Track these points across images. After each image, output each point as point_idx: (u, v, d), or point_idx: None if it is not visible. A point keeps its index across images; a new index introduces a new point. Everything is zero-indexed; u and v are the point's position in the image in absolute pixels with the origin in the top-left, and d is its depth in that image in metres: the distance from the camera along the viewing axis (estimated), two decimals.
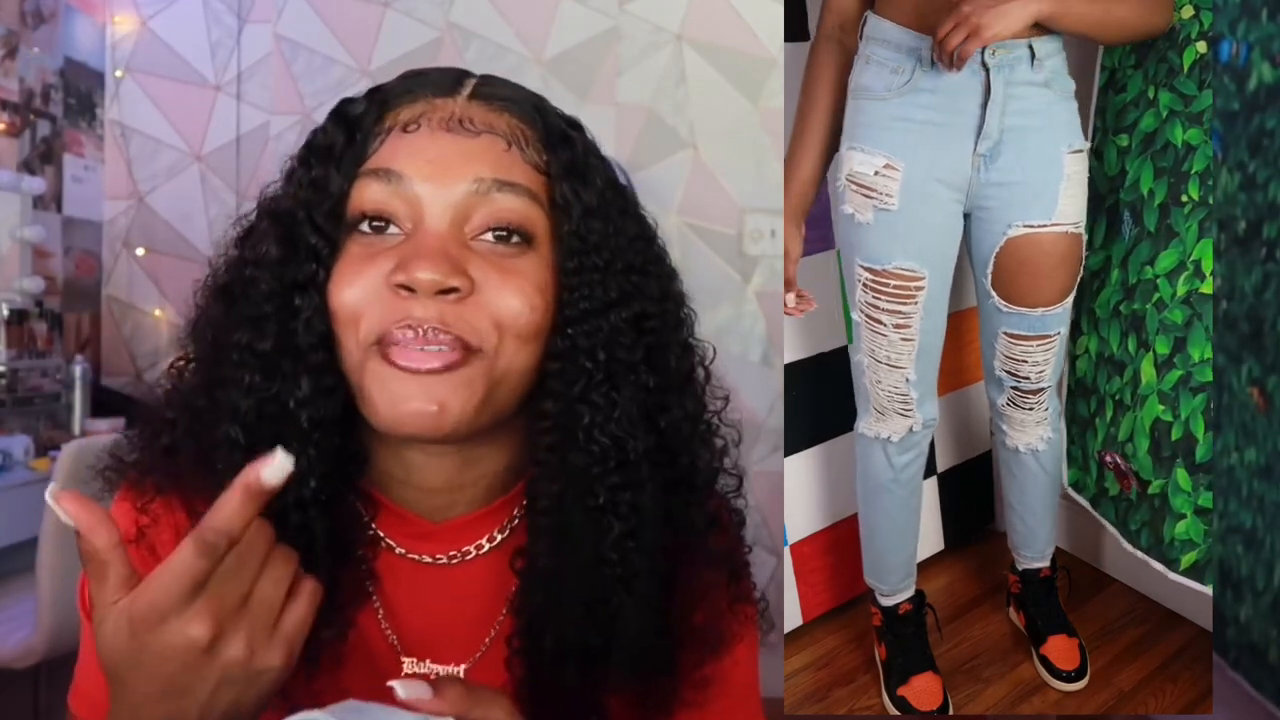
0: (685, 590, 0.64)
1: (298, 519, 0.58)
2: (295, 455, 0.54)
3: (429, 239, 0.57)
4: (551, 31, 2.92)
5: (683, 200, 2.87)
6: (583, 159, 0.62)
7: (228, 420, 0.58)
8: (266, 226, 0.61)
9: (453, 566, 0.65)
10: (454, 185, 0.58)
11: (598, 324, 0.60)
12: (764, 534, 2.80)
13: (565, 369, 0.60)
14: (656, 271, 0.65)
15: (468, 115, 0.60)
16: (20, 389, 2.57)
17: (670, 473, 0.63)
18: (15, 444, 2.20)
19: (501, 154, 0.59)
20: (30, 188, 2.56)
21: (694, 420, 0.65)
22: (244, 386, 0.58)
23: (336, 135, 0.61)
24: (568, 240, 0.60)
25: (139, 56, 2.96)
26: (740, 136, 2.90)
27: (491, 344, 0.57)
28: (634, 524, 0.57)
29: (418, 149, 0.59)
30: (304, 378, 0.58)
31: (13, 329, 2.55)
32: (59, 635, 1.84)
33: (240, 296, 0.60)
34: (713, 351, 0.68)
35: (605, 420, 0.60)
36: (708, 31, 2.91)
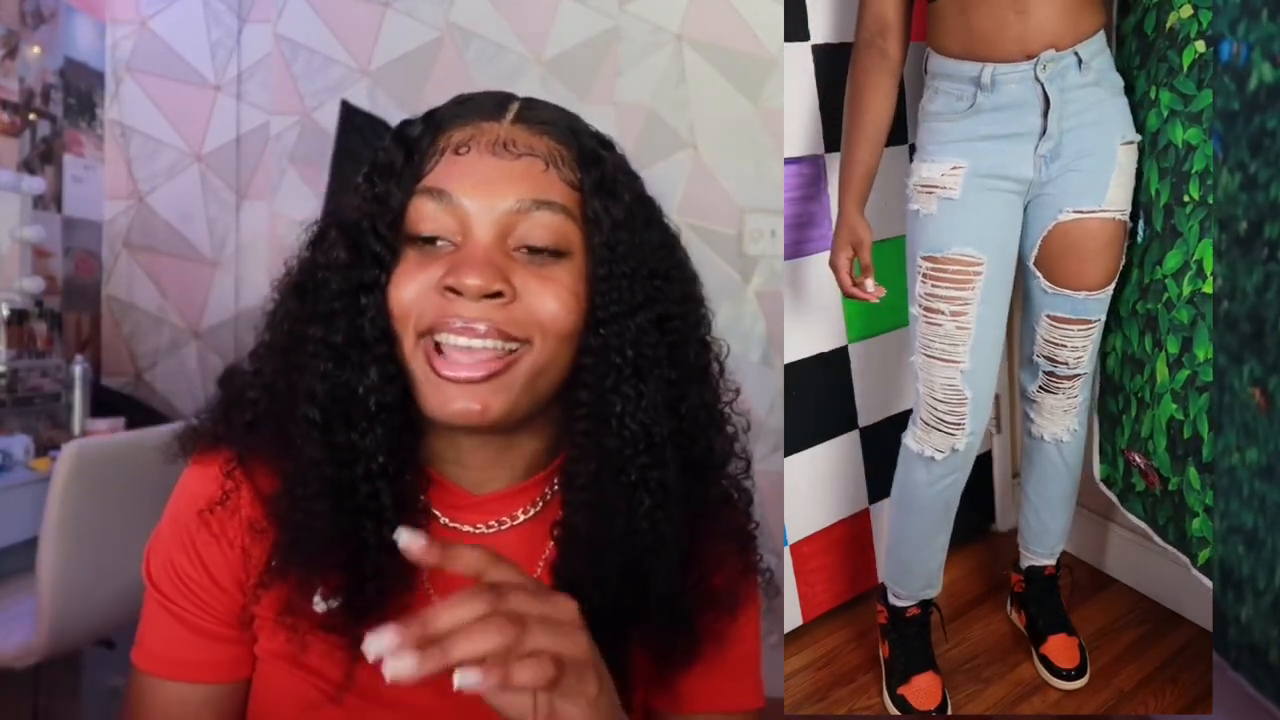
0: (704, 558, 0.72)
1: (367, 489, 0.66)
2: (363, 434, 0.66)
3: (476, 250, 0.65)
4: (551, 31, 2.91)
5: (683, 200, 2.87)
6: (612, 176, 0.70)
7: (305, 402, 0.67)
8: (336, 235, 0.69)
9: (491, 535, 0.73)
10: (498, 203, 0.66)
11: (626, 325, 0.68)
12: (764, 534, 2.79)
13: (598, 364, 0.68)
14: (679, 276, 0.73)
15: (511, 138, 0.68)
16: (20, 389, 2.57)
17: (689, 454, 0.71)
18: (15, 444, 2.20)
19: (540, 174, 0.67)
20: (30, 188, 2.56)
21: (710, 409, 0.73)
22: (319, 373, 0.67)
23: (396, 155, 0.69)
24: (598, 251, 0.68)
25: (139, 56, 2.96)
26: (740, 136, 2.89)
27: (535, 337, 0.65)
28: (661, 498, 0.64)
29: (467, 171, 0.66)
30: (371, 367, 0.67)
31: (13, 329, 2.54)
32: (59, 635, 1.84)
33: (313, 294, 0.69)
34: (726, 348, 0.76)
35: (635, 409, 0.67)
36: (708, 31, 2.91)
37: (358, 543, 0.66)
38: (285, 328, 0.70)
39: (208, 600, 0.71)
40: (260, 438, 0.70)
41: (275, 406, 0.70)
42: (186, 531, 0.71)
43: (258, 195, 2.94)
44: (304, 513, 0.67)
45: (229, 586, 0.71)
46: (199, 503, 0.71)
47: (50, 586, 1.81)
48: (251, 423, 0.71)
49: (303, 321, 0.69)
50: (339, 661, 0.68)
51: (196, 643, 0.72)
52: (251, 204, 2.94)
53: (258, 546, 0.70)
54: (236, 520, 0.70)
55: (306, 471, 0.67)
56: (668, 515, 0.64)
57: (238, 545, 0.70)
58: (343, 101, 2.83)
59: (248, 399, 0.71)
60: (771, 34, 2.85)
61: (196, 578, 0.71)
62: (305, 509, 0.67)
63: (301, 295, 0.70)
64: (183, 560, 0.71)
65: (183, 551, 0.71)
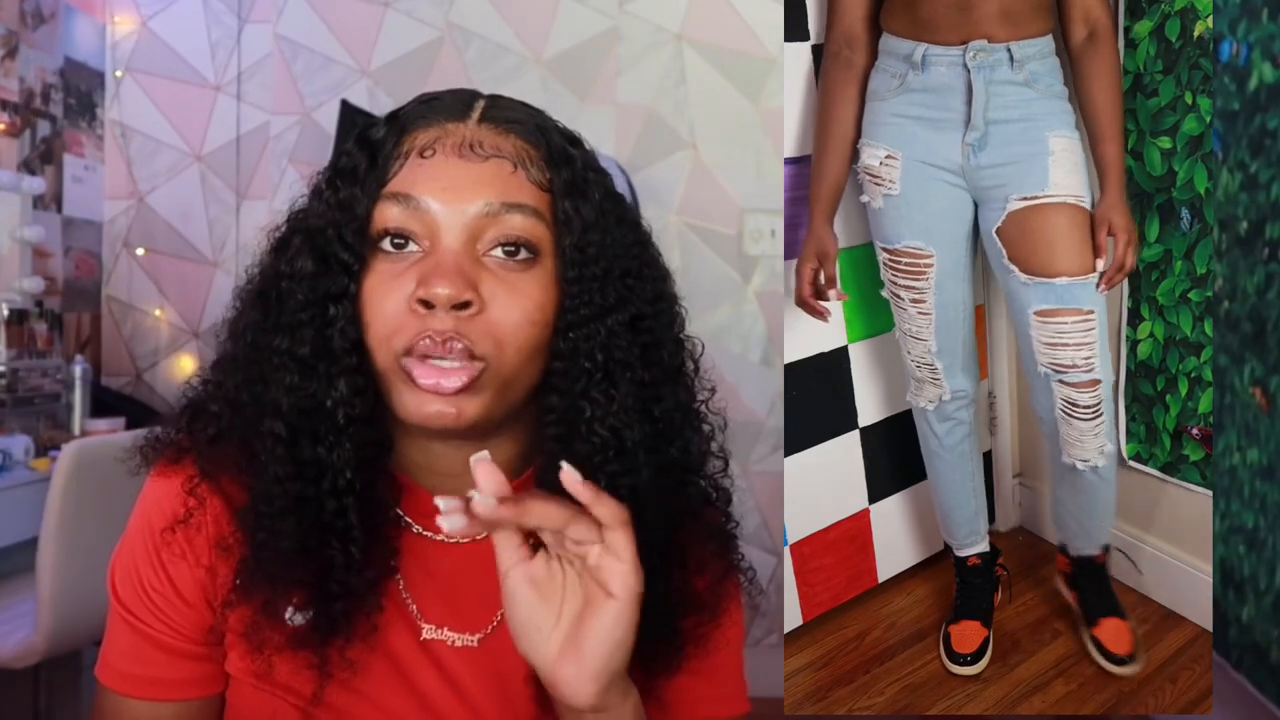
0: (685, 561, 0.71)
1: (334, 505, 0.65)
2: (331, 448, 0.65)
3: (446, 257, 0.63)
4: (551, 31, 2.91)
5: (683, 200, 2.87)
6: (582, 175, 0.68)
7: (270, 416, 0.65)
8: (300, 242, 0.67)
9: (465, 544, 0.72)
10: (466, 207, 0.64)
11: (596, 328, 0.67)
12: (764, 534, 2.80)
13: (568, 368, 0.67)
14: (651, 274, 0.71)
15: (478, 139, 0.66)
16: (20, 389, 2.56)
17: (664, 457, 0.69)
18: (15, 444, 2.20)
19: (509, 176, 0.65)
20: (30, 188, 2.55)
21: (685, 410, 0.72)
22: (284, 386, 0.65)
23: (360, 159, 0.67)
24: (569, 252, 0.66)
25: (139, 56, 2.96)
26: (740, 136, 2.89)
27: (494, 355, 0.64)
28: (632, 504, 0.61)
29: (433, 175, 0.65)
30: (340, 379, 0.65)
31: (13, 329, 2.54)
32: (59, 635, 1.84)
33: (277, 304, 0.67)
34: (701, 347, 0.75)
35: (604, 414, 0.66)
36: (708, 31, 2.91)
37: (324, 560, 0.65)
38: (248, 338, 0.68)
39: (174, 617, 0.69)
40: (224, 452, 0.68)
41: (238, 419, 0.68)
42: (151, 546, 0.69)
43: (258, 195, 2.94)
44: (269, 531, 0.65)
45: (196, 602, 0.69)
46: (163, 518, 0.69)
47: (50, 586, 1.81)
48: (215, 437, 0.69)
49: (266, 332, 0.67)
50: (308, 680, 0.67)
51: (164, 660, 0.69)
52: (251, 204, 2.94)
53: (224, 564, 0.68)
54: (201, 537, 0.69)
55: (271, 488, 0.65)
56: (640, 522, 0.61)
57: (204, 562, 0.69)
58: (343, 101, 2.83)
59: (210, 412, 0.70)
60: (771, 34, 2.85)
61: (163, 592, 0.69)
62: (270, 527, 0.65)
63: (265, 305, 0.68)
64: (149, 575, 0.69)
65: (149, 566, 0.69)
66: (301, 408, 0.65)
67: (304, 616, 0.67)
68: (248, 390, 0.67)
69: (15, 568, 2.06)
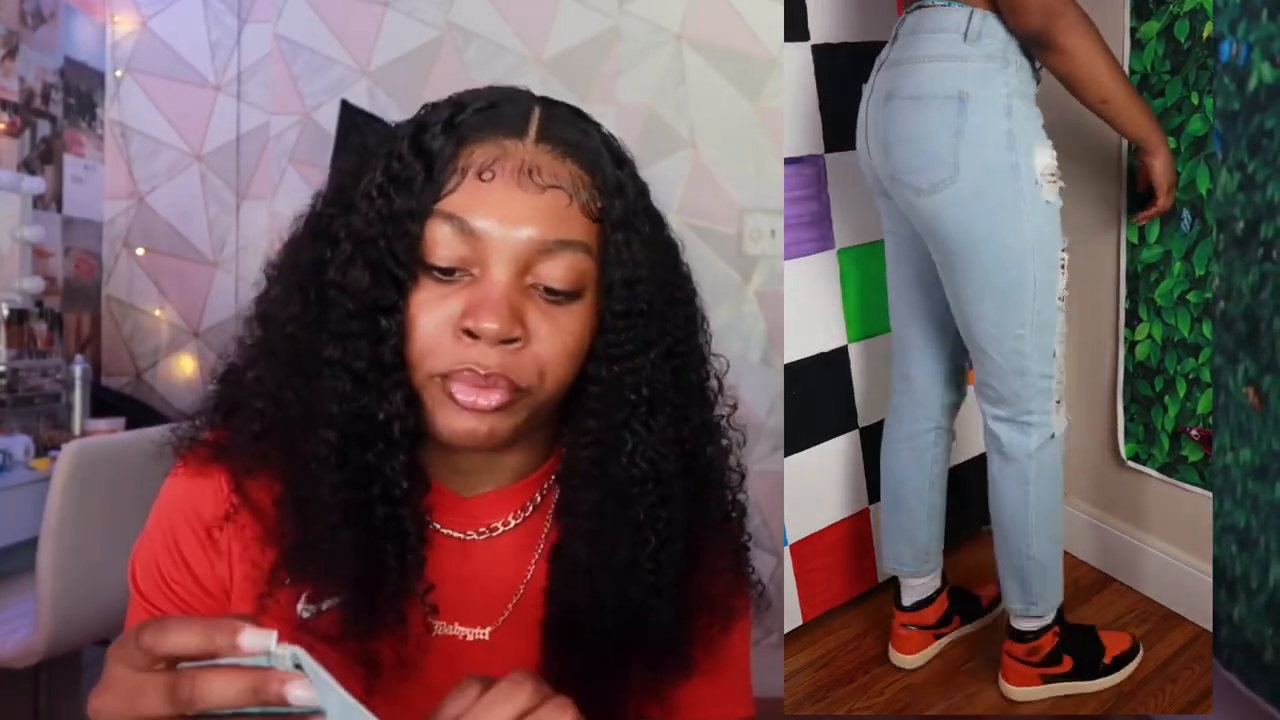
0: (700, 573, 0.72)
1: (384, 511, 0.65)
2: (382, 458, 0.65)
3: (494, 290, 0.63)
4: (551, 31, 2.91)
5: (683, 200, 2.87)
6: (634, 206, 0.69)
7: (323, 425, 0.65)
8: (351, 250, 0.65)
9: (480, 542, 0.73)
10: (520, 238, 0.64)
11: (641, 362, 0.68)
12: (764, 534, 2.80)
13: (608, 395, 0.68)
14: (683, 298, 0.73)
15: (536, 165, 0.65)
16: (20, 389, 2.57)
17: (692, 474, 0.71)
18: (15, 444, 2.20)
19: (564, 210, 0.65)
20: (30, 188, 2.56)
21: (710, 427, 0.73)
22: (336, 395, 0.65)
23: (416, 168, 0.65)
24: (617, 288, 0.67)
25: (139, 56, 2.96)
26: (740, 136, 2.90)
27: (535, 385, 0.65)
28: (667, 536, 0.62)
29: (490, 202, 0.64)
30: (395, 392, 0.65)
31: (13, 329, 2.55)
32: (59, 635, 1.84)
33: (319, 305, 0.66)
34: (727, 364, 0.76)
35: (644, 446, 0.68)
36: (708, 31, 2.91)
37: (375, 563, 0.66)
38: (288, 330, 0.67)
39: (197, 610, 0.69)
40: (265, 450, 0.68)
41: (282, 417, 0.67)
42: (175, 540, 0.70)
43: (258, 195, 2.94)
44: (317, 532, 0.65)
45: (219, 595, 0.70)
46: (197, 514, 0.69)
47: (50, 586, 1.81)
48: (258, 434, 0.68)
49: (307, 327, 0.66)
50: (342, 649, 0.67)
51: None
52: (251, 204, 2.94)
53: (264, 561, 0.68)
54: (243, 536, 0.69)
55: (321, 491, 0.65)
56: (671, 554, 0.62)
57: (238, 559, 0.69)
58: (343, 101, 2.83)
59: (254, 408, 0.68)
60: (771, 34, 2.85)
61: (186, 585, 0.69)
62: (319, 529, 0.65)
63: (305, 299, 0.67)
64: (171, 568, 0.70)
65: (171, 560, 0.70)
66: (354, 417, 0.65)
67: (315, 609, 0.67)
68: (292, 389, 0.67)
69: (15, 568, 2.07)
